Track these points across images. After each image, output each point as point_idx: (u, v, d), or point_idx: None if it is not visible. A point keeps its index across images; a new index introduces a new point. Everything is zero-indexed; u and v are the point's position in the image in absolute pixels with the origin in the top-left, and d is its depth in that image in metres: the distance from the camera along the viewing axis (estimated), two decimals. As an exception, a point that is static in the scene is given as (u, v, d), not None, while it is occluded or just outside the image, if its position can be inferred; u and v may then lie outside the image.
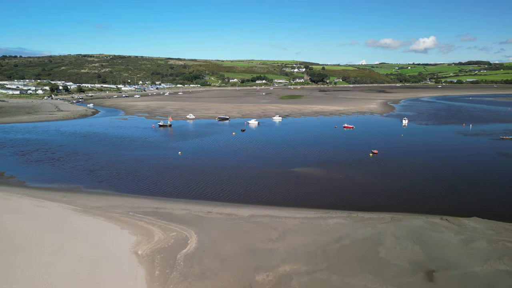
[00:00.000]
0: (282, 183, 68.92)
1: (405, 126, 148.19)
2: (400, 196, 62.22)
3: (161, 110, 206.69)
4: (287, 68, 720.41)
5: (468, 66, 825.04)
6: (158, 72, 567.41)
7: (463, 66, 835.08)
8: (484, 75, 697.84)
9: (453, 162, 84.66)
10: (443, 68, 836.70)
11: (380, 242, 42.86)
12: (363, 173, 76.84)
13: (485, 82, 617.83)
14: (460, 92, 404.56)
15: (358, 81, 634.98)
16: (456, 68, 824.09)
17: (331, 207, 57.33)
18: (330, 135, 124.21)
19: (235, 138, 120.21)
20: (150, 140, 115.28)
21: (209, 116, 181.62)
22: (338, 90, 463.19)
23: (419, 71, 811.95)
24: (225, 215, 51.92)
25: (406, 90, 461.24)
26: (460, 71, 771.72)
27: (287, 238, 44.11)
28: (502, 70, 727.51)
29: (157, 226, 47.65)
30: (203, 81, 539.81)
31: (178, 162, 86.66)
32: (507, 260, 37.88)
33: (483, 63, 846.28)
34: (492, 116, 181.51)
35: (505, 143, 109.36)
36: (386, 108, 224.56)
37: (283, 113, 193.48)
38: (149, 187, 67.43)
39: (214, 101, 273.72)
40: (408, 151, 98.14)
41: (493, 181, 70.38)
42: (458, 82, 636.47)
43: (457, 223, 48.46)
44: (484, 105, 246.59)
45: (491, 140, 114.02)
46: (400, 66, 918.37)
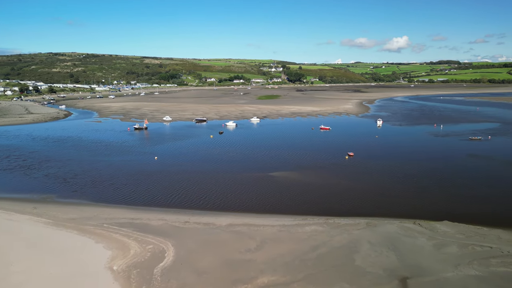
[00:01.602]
0: (260, 189, 69.06)
1: (379, 127, 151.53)
2: (375, 200, 63.57)
3: (136, 112, 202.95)
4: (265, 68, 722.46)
5: (439, 66, 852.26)
6: (134, 71, 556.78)
7: (434, 66, 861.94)
8: (454, 74, 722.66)
9: (425, 164, 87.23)
10: (416, 68, 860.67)
11: (356, 250, 43.67)
12: (339, 176, 78.05)
13: (455, 82, 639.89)
14: (431, 92, 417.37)
15: (334, 80, 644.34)
16: (428, 67, 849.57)
17: (308, 212, 57.98)
18: (307, 137, 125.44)
19: (213, 141, 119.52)
20: (126, 145, 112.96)
21: (186, 118, 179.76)
22: (315, 90, 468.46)
23: (393, 70, 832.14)
24: (203, 224, 51.54)
25: (380, 89, 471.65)
26: (432, 71, 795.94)
27: (265, 248, 44.25)
28: (471, 70, 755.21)
29: (133, 238, 46.76)
30: (180, 81, 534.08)
31: (155, 168, 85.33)
32: (476, 265, 39.39)
33: (453, 62, 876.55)
34: (462, 116, 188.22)
35: (473, 143, 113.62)
36: (362, 108, 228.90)
37: (261, 114, 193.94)
38: (125, 196, 66.07)
39: (191, 102, 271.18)
40: (382, 153, 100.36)
41: (462, 183, 72.98)
42: (429, 82, 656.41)
43: (429, 228, 50.00)
44: (454, 105, 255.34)
45: (460, 141, 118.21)
46: (375, 66, 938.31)
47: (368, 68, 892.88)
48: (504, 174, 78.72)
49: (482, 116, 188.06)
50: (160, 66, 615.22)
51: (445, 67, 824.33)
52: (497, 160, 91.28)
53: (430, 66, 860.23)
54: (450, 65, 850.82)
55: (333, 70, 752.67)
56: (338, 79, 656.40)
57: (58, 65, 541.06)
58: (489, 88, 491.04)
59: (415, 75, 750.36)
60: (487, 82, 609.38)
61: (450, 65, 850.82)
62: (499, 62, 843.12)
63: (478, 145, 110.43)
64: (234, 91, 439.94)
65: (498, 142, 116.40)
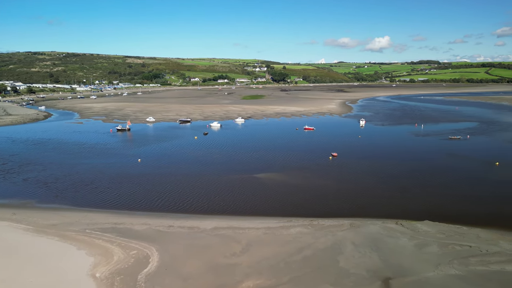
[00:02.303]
0: (245, 191, 69.08)
1: (362, 127, 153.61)
2: (358, 200, 64.49)
3: (119, 113, 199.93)
4: (249, 67, 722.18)
5: (420, 65, 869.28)
6: (116, 71, 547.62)
7: (415, 65, 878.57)
8: (434, 74, 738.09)
9: (406, 164, 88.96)
10: (397, 67, 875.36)
11: (340, 251, 44.22)
12: (324, 177, 78.84)
13: (435, 81, 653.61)
14: (413, 91, 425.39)
15: (318, 80, 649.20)
16: (409, 67, 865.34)
17: (293, 214, 58.39)
18: (292, 138, 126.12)
19: (197, 142, 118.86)
20: (108, 147, 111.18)
21: (169, 118, 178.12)
22: (299, 89, 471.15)
23: (375, 70, 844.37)
24: (187, 228, 51.24)
25: (363, 89, 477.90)
26: (413, 70, 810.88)
27: (250, 251, 44.33)
28: (450, 70, 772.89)
29: (116, 244, 46.11)
30: (163, 81, 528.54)
31: (138, 170, 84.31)
32: (456, 264, 40.43)
33: (433, 62, 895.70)
34: (442, 115, 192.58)
35: (453, 143, 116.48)
36: (345, 108, 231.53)
37: (246, 114, 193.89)
38: (108, 200, 65.07)
39: (175, 102, 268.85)
40: (365, 153, 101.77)
41: (442, 182, 74.73)
42: (411, 81, 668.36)
43: (410, 228, 51.04)
44: (434, 104, 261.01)
45: (440, 140, 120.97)
46: (358, 65, 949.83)
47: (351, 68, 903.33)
48: (482, 174, 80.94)
49: (461, 115, 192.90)
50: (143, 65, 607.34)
51: (425, 67, 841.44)
52: (476, 159, 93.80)
53: (411, 66, 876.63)
54: (430, 65, 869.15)
55: (316, 70, 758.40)
56: (322, 79, 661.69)
57: (37, 64, 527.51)
58: (468, 87, 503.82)
59: (397, 75, 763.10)
60: (466, 81, 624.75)
61: (430, 65, 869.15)
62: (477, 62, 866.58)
63: (457, 145, 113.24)
64: (219, 91, 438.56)
65: (477, 141, 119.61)
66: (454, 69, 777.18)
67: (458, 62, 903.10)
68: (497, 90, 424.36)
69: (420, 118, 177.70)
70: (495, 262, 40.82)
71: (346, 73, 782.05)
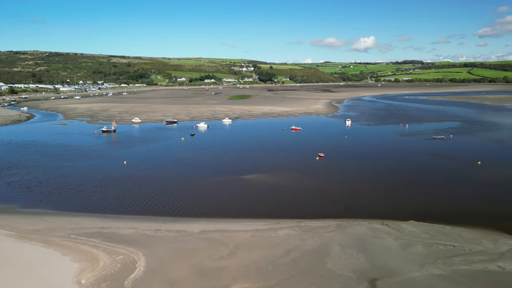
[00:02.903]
0: (233, 193, 68.99)
1: (348, 127, 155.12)
2: (345, 201, 65.13)
3: (104, 114, 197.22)
4: (236, 67, 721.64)
5: (404, 65, 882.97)
6: (100, 70, 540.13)
7: (399, 65, 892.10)
8: (418, 74, 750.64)
9: (391, 164, 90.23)
10: (382, 67, 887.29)
11: (328, 253, 44.59)
12: (311, 178, 79.32)
13: (419, 81, 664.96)
14: (397, 91, 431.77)
15: (305, 80, 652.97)
16: (394, 67, 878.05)
17: (281, 216, 58.59)
18: (279, 138, 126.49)
19: (184, 143, 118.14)
20: (93, 149, 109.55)
21: (156, 119, 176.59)
22: (286, 89, 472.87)
23: (361, 70, 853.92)
24: (175, 232, 50.90)
25: (349, 89, 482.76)
26: (397, 70, 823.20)
27: (238, 254, 44.31)
28: (434, 70, 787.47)
29: (102, 249, 45.48)
30: (149, 80, 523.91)
31: (124, 173, 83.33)
32: (440, 264, 41.23)
33: (417, 62, 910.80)
34: (426, 115, 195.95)
35: (437, 142, 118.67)
36: (331, 108, 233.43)
37: (233, 115, 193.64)
38: (93, 204, 64.11)
39: (161, 102, 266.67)
40: (351, 154, 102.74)
41: (426, 182, 76.04)
42: (395, 81, 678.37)
43: (396, 228, 51.82)
44: (418, 104, 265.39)
45: (425, 140, 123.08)
46: (343, 65, 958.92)
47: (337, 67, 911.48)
48: (465, 173, 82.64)
49: (445, 115, 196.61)
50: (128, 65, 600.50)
51: (409, 67, 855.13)
52: (459, 159, 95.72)
53: (396, 66, 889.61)
54: (414, 64, 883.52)
55: (303, 70, 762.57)
56: (308, 79, 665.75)
57: (19, 64, 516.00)
58: (451, 87, 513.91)
59: (382, 75, 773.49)
60: (449, 81, 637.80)
61: (414, 64, 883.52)
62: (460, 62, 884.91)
63: (441, 144, 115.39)
64: (205, 90, 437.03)
65: (460, 141, 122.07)
66: (438, 69, 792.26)
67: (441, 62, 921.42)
68: (479, 90, 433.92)
69: (405, 118, 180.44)
70: (478, 261, 41.78)
71: (332, 73, 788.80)
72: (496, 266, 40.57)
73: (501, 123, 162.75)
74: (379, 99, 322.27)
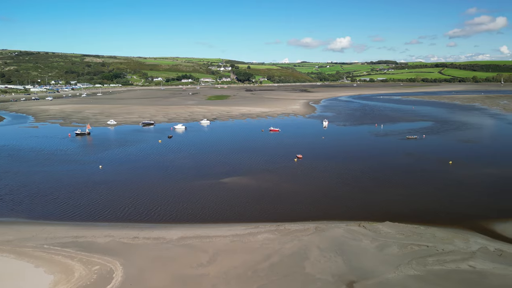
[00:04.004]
0: (212, 197, 68.69)
1: (325, 127, 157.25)
2: (323, 203, 66.04)
3: (78, 116, 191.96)
4: (213, 67, 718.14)
5: (379, 65, 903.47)
6: (73, 70, 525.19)
7: (374, 65, 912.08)
8: (392, 74, 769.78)
9: (367, 164, 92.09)
10: (358, 67, 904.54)
11: (306, 256, 45.10)
12: (289, 180, 79.97)
13: (393, 81, 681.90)
14: (372, 91, 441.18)
15: (282, 80, 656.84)
16: (369, 67, 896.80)
17: (260, 219, 58.86)
18: (258, 140, 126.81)
19: (162, 146, 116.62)
20: (67, 153, 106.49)
21: (132, 121, 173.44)
22: (264, 89, 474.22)
23: (337, 70, 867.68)
24: (153, 239, 50.19)
25: (326, 89, 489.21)
26: (372, 70, 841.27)
27: (217, 261, 44.18)
28: (407, 70, 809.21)
29: (77, 259, 44.31)
30: (125, 80, 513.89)
31: (100, 178, 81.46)
32: (415, 265, 42.50)
33: (391, 62, 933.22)
34: (399, 115, 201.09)
35: (410, 142, 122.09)
36: (308, 109, 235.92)
37: (211, 116, 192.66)
38: (67, 211, 62.37)
39: (137, 103, 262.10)
40: (328, 155, 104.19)
41: (401, 182, 78.15)
42: (370, 81, 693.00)
43: (372, 229, 53.00)
44: (392, 104, 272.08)
45: (399, 140, 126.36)
46: (320, 65, 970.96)
47: (314, 67, 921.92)
48: (437, 173, 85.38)
49: (417, 115, 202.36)
50: (103, 65, 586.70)
51: (384, 67, 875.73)
52: (431, 158, 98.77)
53: (371, 66, 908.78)
54: (388, 64, 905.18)
55: (281, 70, 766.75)
56: (286, 79, 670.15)
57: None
58: (423, 87, 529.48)
59: (357, 75, 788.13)
60: (421, 81, 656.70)
61: (388, 64, 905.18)
62: (431, 62, 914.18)
63: (414, 144, 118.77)
64: (183, 91, 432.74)
65: (432, 140, 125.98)
66: (410, 69, 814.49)
67: (414, 62, 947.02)
68: (450, 90, 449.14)
69: (380, 118, 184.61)
70: (450, 261, 43.31)
71: (309, 73, 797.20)
72: (468, 266, 42.19)
73: (470, 123, 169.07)
74: (355, 99, 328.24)
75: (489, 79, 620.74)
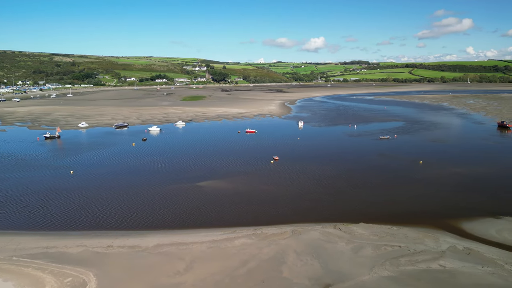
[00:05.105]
0: (188, 202, 68.04)
1: (301, 128, 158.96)
2: (299, 205, 66.70)
3: (47, 118, 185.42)
4: (188, 67, 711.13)
5: (352, 66, 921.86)
6: (42, 70, 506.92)
7: (348, 65, 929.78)
8: (364, 74, 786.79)
9: (342, 165, 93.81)
10: (332, 67, 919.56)
11: (283, 261, 45.46)
12: (266, 182, 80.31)
13: (366, 81, 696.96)
14: (346, 91, 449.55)
15: (258, 80, 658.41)
16: (342, 67, 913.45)
17: (237, 224, 58.82)
18: (234, 141, 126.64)
19: (136, 149, 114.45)
20: (36, 158, 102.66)
21: (105, 123, 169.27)
22: (240, 90, 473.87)
23: (312, 70, 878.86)
24: (128, 248, 49.19)
25: (301, 89, 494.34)
26: (346, 70, 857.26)
27: (195, 268, 43.82)
28: (379, 70, 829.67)
29: (48, 271, 42.82)
30: (97, 81, 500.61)
31: (71, 184, 79.04)
32: (388, 266, 43.68)
33: (363, 62, 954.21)
34: (372, 115, 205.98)
35: (383, 143, 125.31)
36: (284, 109, 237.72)
37: (187, 117, 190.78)
38: (37, 220, 60.12)
39: (110, 104, 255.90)
40: (304, 156, 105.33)
41: (374, 182, 79.99)
42: (344, 81, 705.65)
43: (347, 231, 54.05)
44: (366, 104, 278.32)
45: (372, 140, 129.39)
46: (295, 65, 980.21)
47: (289, 67, 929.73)
48: (408, 173, 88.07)
49: (389, 115, 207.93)
50: (73, 64, 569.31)
51: (357, 67, 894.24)
52: (403, 158, 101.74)
53: (344, 66, 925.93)
54: (361, 65, 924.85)
55: (256, 70, 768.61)
56: (262, 79, 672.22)
57: None
58: (394, 87, 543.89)
59: (331, 75, 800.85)
60: (393, 81, 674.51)
61: (361, 65, 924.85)
62: (402, 63, 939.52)
63: (386, 144, 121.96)
64: (157, 91, 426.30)
65: (403, 140, 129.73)
66: (382, 69, 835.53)
67: (386, 63, 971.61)
68: (420, 89, 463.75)
69: (353, 119, 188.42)
70: (422, 260, 44.80)
71: (285, 73, 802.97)
72: (438, 265, 43.77)
73: (439, 122, 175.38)
74: (330, 99, 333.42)
75: (456, 79, 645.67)
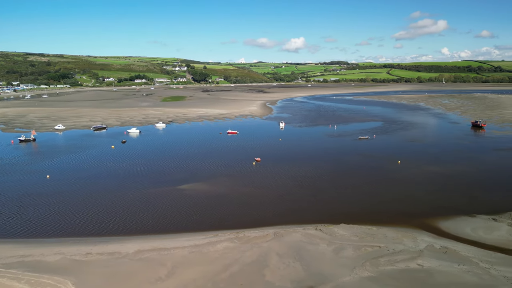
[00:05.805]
0: (169, 206, 67.32)
1: (282, 129, 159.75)
2: (281, 207, 67.06)
3: (21, 120, 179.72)
4: (168, 67, 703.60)
5: (332, 66, 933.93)
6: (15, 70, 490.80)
7: (327, 66, 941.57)
8: (344, 74, 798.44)
9: (323, 166, 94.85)
10: (312, 68, 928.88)
11: (266, 264, 45.60)
12: (248, 185, 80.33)
13: (345, 81, 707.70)
14: (326, 91, 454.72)
15: (239, 80, 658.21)
16: (322, 67, 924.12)
17: (219, 227, 58.62)
18: (216, 143, 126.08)
19: (115, 152, 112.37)
20: (10, 162, 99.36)
21: (82, 125, 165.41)
22: (221, 90, 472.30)
23: (292, 70, 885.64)
24: (107, 254, 48.24)
25: (282, 89, 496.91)
26: (325, 71, 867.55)
27: (176, 274, 43.41)
28: (358, 70, 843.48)
29: (25, 281, 41.53)
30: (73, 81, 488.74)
31: (47, 189, 76.88)
32: (368, 266, 44.46)
33: (343, 63, 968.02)
34: (352, 116, 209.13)
35: (362, 143, 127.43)
36: (265, 110, 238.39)
37: (167, 118, 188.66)
38: (11, 228, 58.23)
39: (88, 106, 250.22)
40: (285, 157, 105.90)
41: (354, 183, 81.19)
42: (324, 81, 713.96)
43: (328, 232, 54.71)
44: (345, 104, 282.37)
45: (352, 141, 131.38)
46: (276, 65, 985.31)
47: (270, 68, 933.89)
48: (387, 172, 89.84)
49: (368, 115, 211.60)
50: (49, 64, 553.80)
51: (336, 67, 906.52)
52: (382, 158, 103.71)
53: (324, 66, 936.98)
54: (340, 65, 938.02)
55: (237, 70, 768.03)
56: (243, 79, 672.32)
57: None
58: (373, 87, 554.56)
59: (311, 75, 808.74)
60: (371, 81, 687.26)
61: (340, 65, 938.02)
62: (380, 63, 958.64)
63: (366, 145, 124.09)
64: (136, 91, 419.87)
65: (381, 140, 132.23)
66: (361, 69, 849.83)
67: (364, 63, 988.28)
68: (397, 90, 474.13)
69: (334, 119, 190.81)
70: (401, 260, 45.81)
71: (265, 73, 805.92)
72: (416, 264, 44.85)
73: (416, 122, 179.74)
74: (310, 99, 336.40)
75: (432, 79, 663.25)
